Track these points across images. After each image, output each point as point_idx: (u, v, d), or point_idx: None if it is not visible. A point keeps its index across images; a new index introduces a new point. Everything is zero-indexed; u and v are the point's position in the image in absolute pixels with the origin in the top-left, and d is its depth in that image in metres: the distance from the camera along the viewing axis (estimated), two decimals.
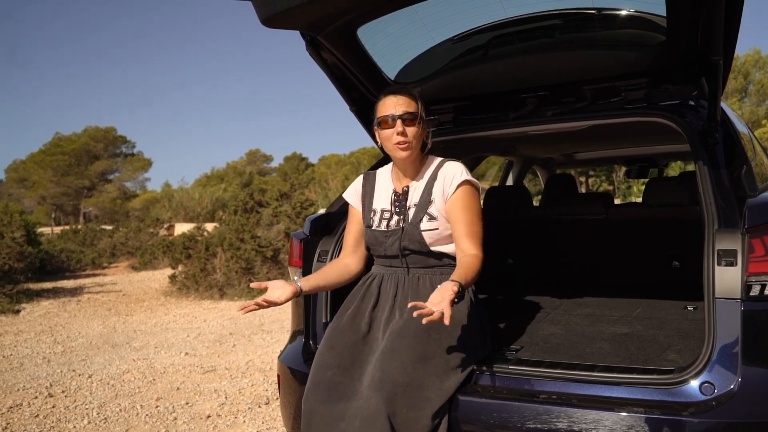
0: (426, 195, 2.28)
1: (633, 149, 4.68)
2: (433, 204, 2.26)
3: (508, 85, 2.65)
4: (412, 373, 1.95)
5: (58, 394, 4.71)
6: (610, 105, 2.46)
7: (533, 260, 3.65)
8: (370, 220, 2.38)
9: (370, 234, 2.36)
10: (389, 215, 2.34)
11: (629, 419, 1.77)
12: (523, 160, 4.93)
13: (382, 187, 2.42)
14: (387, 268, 2.37)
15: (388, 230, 2.32)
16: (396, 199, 2.35)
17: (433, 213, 2.25)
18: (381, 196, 2.40)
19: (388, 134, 2.23)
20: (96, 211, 35.35)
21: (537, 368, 2.03)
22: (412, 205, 2.30)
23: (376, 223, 2.36)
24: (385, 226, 2.33)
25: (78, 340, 6.82)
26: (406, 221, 2.29)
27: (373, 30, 2.52)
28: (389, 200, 2.37)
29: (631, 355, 2.15)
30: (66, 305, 9.40)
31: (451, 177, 2.25)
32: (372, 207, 2.40)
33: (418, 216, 2.27)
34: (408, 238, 2.26)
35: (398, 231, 2.29)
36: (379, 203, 2.39)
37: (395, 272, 2.33)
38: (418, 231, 2.25)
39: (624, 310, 2.85)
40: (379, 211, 2.37)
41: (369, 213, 2.39)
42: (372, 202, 2.41)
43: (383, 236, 2.32)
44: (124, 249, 15.98)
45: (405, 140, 2.21)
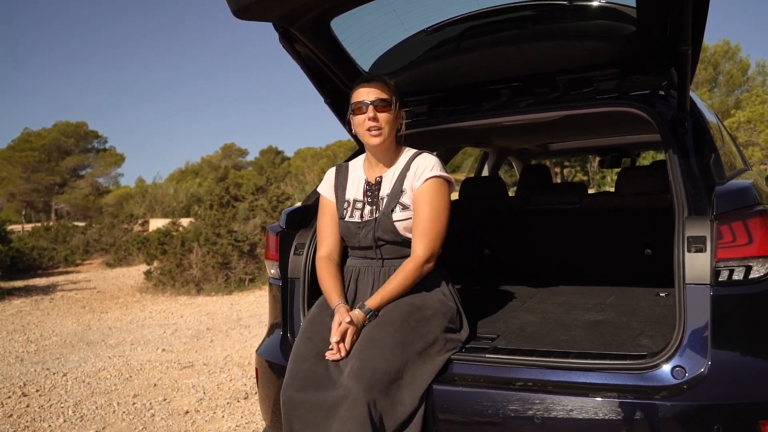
0: (398, 185, 2.28)
1: (606, 139, 4.74)
2: (404, 194, 2.26)
3: (482, 76, 2.66)
4: (391, 361, 1.96)
5: (32, 393, 4.64)
6: (582, 95, 2.49)
7: (509, 250, 3.68)
8: (343, 211, 2.37)
9: (343, 226, 2.35)
10: (361, 206, 2.33)
11: (603, 404, 1.80)
12: (498, 151, 4.96)
13: (354, 177, 2.41)
14: (362, 260, 2.36)
15: (362, 221, 2.31)
16: (368, 189, 2.35)
17: (406, 202, 2.26)
18: (353, 187, 2.39)
19: (360, 120, 2.23)
20: (68, 207, 34.76)
21: (513, 356, 2.05)
22: (385, 195, 2.30)
23: (348, 214, 2.35)
24: (358, 216, 2.32)
25: (52, 338, 6.73)
26: (379, 211, 2.28)
27: (346, 21, 2.51)
28: (362, 190, 2.36)
29: (605, 342, 2.18)
30: (39, 303, 9.26)
31: (422, 170, 2.25)
32: (345, 198, 2.38)
33: (390, 206, 2.27)
34: (381, 228, 2.26)
35: (371, 222, 2.28)
36: (351, 194, 2.38)
37: (371, 264, 2.33)
38: (390, 221, 2.25)
39: (598, 297, 2.90)
40: (352, 201, 2.36)
41: (342, 204, 2.38)
42: (344, 193, 2.39)
43: (356, 227, 2.31)
44: (97, 246, 15.76)
45: (376, 125, 2.21)
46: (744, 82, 30.83)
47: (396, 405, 1.93)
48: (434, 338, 2.09)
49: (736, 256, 1.81)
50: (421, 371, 2.01)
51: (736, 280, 1.81)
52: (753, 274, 1.80)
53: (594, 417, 1.81)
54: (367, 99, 2.22)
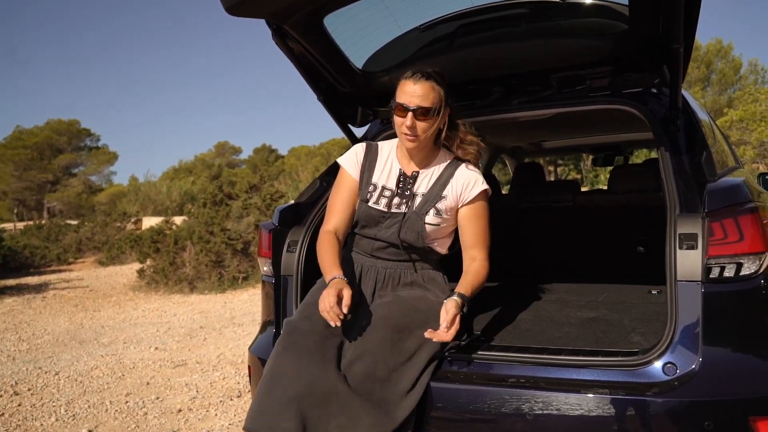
0: (438, 188, 2.20)
1: (599, 138, 4.75)
2: (444, 200, 2.19)
3: (476, 74, 2.66)
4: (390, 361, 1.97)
5: (24, 392, 4.62)
6: (575, 93, 2.50)
7: (502, 248, 3.67)
8: (367, 194, 2.23)
9: (365, 211, 2.21)
10: (390, 195, 2.21)
11: (595, 400, 1.81)
12: (492, 149, 4.96)
13: (386, 162, 2.28)
14: (367, 257, 2.27)
15: (388, 211, 2.19)
16: (402, 180, 2.23)
17: (441, 209, 2.19)
18: (384, 172, 2.26)
19: (398, 122, 2.14)
20: (60, 205, 34.62)
21: (506, 353, 2.06)
22: (420, 193, 2.21)
23: (374, 199, 2.22)
24: (384, 205, 2.20)
25: (44, 337, 6.70)
26: (411, 208, 2.19)
27: (339, 19, 2.51)
28: (395, 179, 2.24)
29: (597, 339, 2.19)
30: (31, 302, 9.22)
31: (473, 183, 2.21)
32: (371, 181, 2.25)
33: (425, 207, 2.19)
34: (408, 226, 2.17)
35: (399, 216, 2.18)
36: (381, 179, 2.25)
37: (374, 265, 2.25)
38: (421, 222, 2.17)
39: (591, 295, 2.91)
40: (380, 187, 2.23)
41: (366, 186, 2.24)
42: (372, 175, 2.26)
43: (380, 216, 2.20)
44: (90, 244, 15.72)
45: (413, 134, 2.11)
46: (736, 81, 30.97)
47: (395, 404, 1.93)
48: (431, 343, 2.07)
49: (728, 253, 1.82)
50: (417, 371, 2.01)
51: (727, 277, 1.82)
52: (744, 271, 1.81)
53: (586, 413, 1.81)
54: (409, 104, 2.09)
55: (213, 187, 11.79)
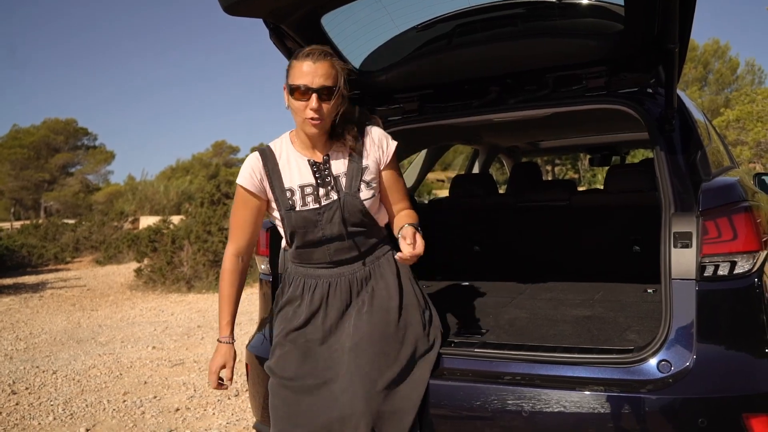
0: (357, 161, 2.06)
1: (596, 138, 4.77)
2: (367, 170, 2.06)
3: (473, 74, 2.67)
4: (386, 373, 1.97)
5: (21, 391, 4.63)
6: (571, 93, 2.51)
7: (499, 247, 3.71)
8: (289, 201, 2.04)
9: (297, 218, 2.02)
10: (313, 189, 2.03)
11: (590, 397, 1.82)
12: (489, 148, 4.98)
13: (288, 161, 2.08)
14: (329, 269, 2.09)
15: (321, 206, 2.02)
16: (317, 170, 2.05)
17: (368, 180, 2.06)
18: (293, 172, 2.07)
19: (300, 107, 1.94)
20: (57, 205, 34.55)
21: (501, 350, 2.07)
22: (341, 173, 2.05)
23: (299, 202, 2.03)
24: (313, 202, 2.02)
25: (41, 336, 6.70)
26: (340, 191, 2.03)
27: (337, 18, 2.51)
28: (309, 173, 2.05)
29: (592, 337, 2.20)
30: (28, 301, 9.21)
31: (386, 142, 2.12)
32: (284, 187, 2.05)
33: (353, 184, 2.03)
34: (348, 209, 2.01)
35: (334, 204, 2.01)
36: (294, 180, 2.05)
37: (344, 273, 2.09)
38: (359, 200, 2.02)
39: (586, 293, 2.92)
40: (297, 189, 2.04)
41: (283, 195, 2.04)
42: (281, 182, 2.06)
43: (316, 215, 2.02)
44: (87, 243, 15.69)
45: (318, 117, 1.94)
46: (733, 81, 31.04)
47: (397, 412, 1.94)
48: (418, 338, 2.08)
49: (722, 251, 1.83)
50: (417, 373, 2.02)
51: (722, 275, 1.84)
52: (738, 270, 1.83)
53: (581, 410, 1.83)
54: (312, 84, 1.91)
55: (210, 186, 11.78)
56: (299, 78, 1.93)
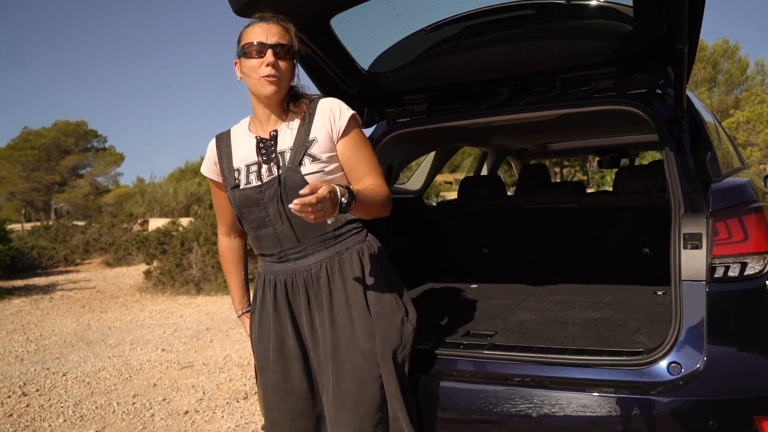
0: (303, 134, 1.91)
1: (605, 139, 4.75)
2: (315, 143, 1.90)
3: (481, 75, 2.67)
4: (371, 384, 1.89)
5: (32, 393, 4.66)
6: (580, 94, 2.50)
7: (507, 249, 3.70)
8: (234, 180, 1.95)
9: (240, 196, 1.92)
10: (257, 167, 1.92)
11: (600, 399, 1.82)
12: (497, 150, 4.97)
13: (241, 141, 2.01)
14: (278, 263, 1.96)
15: (263, 183, 1.89)
16: (263, 146, 1.94)
17: (316, 154, 1.89)
18: (241, 151, 1.98)
19: (255, 65, 1.86)
20: (68, 206, 34.80)
21: (510, 352, 2.07)
22: (287, 149, 1.91)
23: (243, 180, 1.93)
24: (255, 179, 1.91)
25: (51, 338, 6.74)
26: (282, 167, 1.89)
27: (346, 20, 2.52)
28: (254, 150, 1.95)
29: (602, 339, 2.20)
30: (38, 303, 9.27)
31: (338, 111, 1.94)
32: (233, 167, 1.97)
33: (296, 158, 1.88)
34: (289, 185, 1.85)
35: (275, 181, 1.88)
36: (241, 159, 1.97)
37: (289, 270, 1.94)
38: (299, 175, 1.85)
39: (596, 296, 2.91)
40: (244, 167, 1.94)
41: (231, 175, 1.97)
42: (231, 162, 1.99)
43: (257, 192, 1.90)
44: (97, 245, 15.76)
45: (275, 73, 1.86)
46: (743, 82, 30.88)
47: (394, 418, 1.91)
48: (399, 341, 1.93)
49: (732, 252, 1.83)
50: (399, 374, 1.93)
51: (732, 276, 1.83)
52: (748, 271, 1.82)
53: (591, 412, 1.82)
54: (267, 41, 1.86)
55: None
56: (253, 37, 1.88)
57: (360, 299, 1.90)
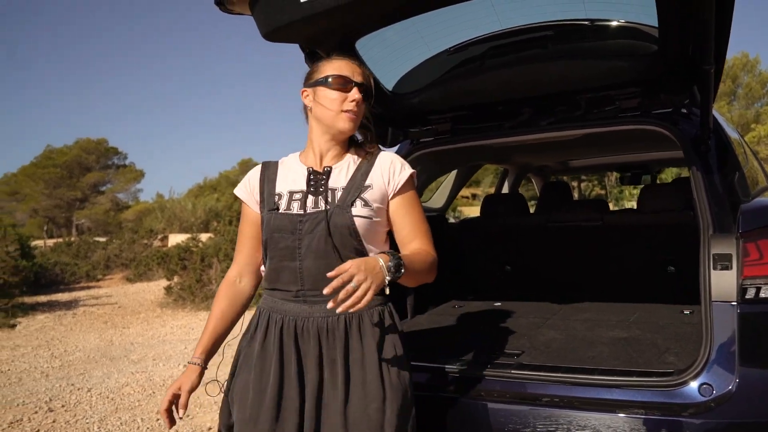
0: (360, 178, 1.82)
1: (626, 156, 4.74)
2: (369, 189, 1.80)
3: (504, 95, 2.69)
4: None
5: (58, 409, 4.71)
6: (604, 113, 2.51)
7: (531, 267, 3.70)
8: (273, 204, 1.82)
9: (276, 220, 1.77)
10: (302, 196, 1.80)
11: (630, 421, 1.81)
12: (518, 167, 4.98)
13: (289, 169, 1.89)
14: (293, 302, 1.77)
15: (305, 213, 1.76)
16: (313, 178, 1.83)
17: (368, 199, 1.79)
18: (288, 179, 1.86)
19: (338, 98, 1.80)
20: (89, 223, 35.24)
21: (539, 372, 2.06)
22: (339, 187, 1.81)
23: (284, 205, 1.80)
24: (298, 207, 1.78)
25: (75, 353, 6.81)
26: (332, 203, 1.77)
27: (370, 42, 2.56)
28: (303, 179, 1.84)
29: (631, 359, 2.19)
30: (62, 319, 9.38)
31: (399, 167, 1.85)
32: (275, 192, 1.85)
33: (347, 198, 1.78)
34: (335, 222, 1.73)
35: (321, 214, 1.75)
36: (286, 186, 1.85)
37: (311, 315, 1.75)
38: (348, 214, 1.74)
39: (621, 314, 2.90)
40: (286, 193, 1.83)
41: (271, 198, 1.84)
42: (273, 186, 1.86)
43: (297, 220, 1.75)
44: (118, 261, 15.94)
45: (356, 110, 1.81)
46: (763, 95, 30.58)
47: None
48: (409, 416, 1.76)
49: (763, 273, 1.82)
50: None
51: (763, 297, 1.82)
52: None
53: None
54: (353, 78, 1.83)
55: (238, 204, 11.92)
56: (339, 70, 1.83)
57: (375, 364, 1.72)
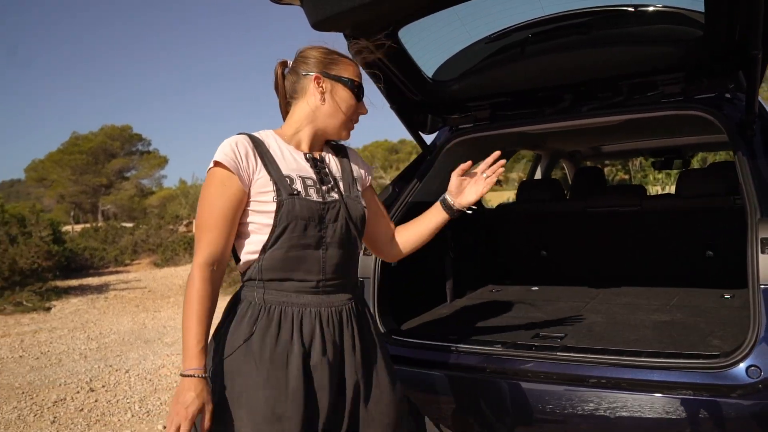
0: (349, 169, 1.81)
1: (659, 141, 4.72)
2: (359, 180, 1.82)
3: (545, 82, 2.71)
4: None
5: (98, 389, 4.85)
6: (646, 99, 2.52)
7: (567, 252, 3.72)
8: (290, 186, 1.63)
9: (302, 205, 1.61)
10: (313, 183, 1.67)
11: (679, 402, 1.84)
12: (552, 153, 4.98)
13: (282, 151, 1.70)
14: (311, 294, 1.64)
15: (325, 202, 1.65)
16: (316, 165, 1.72)
17: (360, 191, 1.81)
18: (289, 162, 1.69)
19: (353, 106, 1.75)
20: (114, 208, 35.79)
21: (584, 354, 2.10)
22: (338, 177, 1.75)
23: (302, 191, 1.63)
24: (315, 194, 1.65)
25: (110, 336, 6.98)
26: (341, 193, 1.71)
27: (412, 30, 2.59)
28: (308, 166, 1.70)
29: (675, 342, 2.21)
30: (94, 302, 9.58)
31: (368, 164, 1.90)
32: (283, 174, 1.64)
33: (352, 189, 1.76)
34: (352, 212, 1.70)
35: (337, 203, 1.67)
36: (291, 169, 1.67)
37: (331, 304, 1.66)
38: (361, 205, 1.73)
39: (662, 299, 2.92)
40: (297, 178, 1.65)
41: (282, 180, 1.63)
42: (279, 168, 1.65)
43: (321, 208, 1.64)
44: (145, 246, 16.18)
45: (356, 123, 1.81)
46: None
47: None
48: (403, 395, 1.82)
49: None
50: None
51: None
52: None
53: (669, 415, 1.85)
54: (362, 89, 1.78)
55: None
56: (359, 77, 1.77)
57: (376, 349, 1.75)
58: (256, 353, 1.57)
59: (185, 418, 1.45)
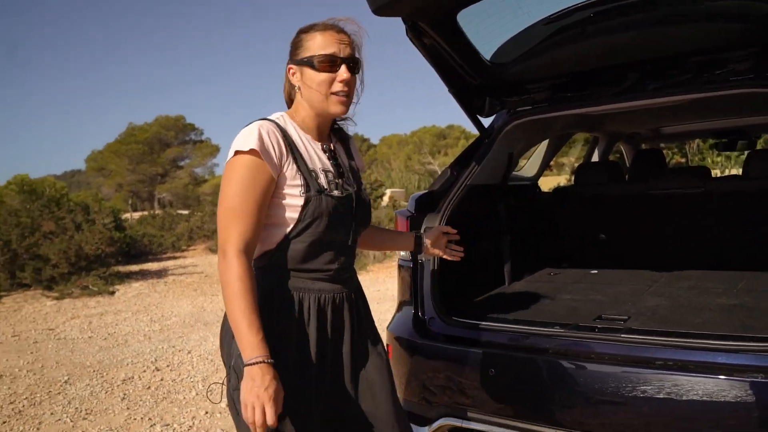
0: (354, 161, 1.84)
1: (723, 122, 4.57)
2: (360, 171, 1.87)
3: (610, 61, 2.66)
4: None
5: (164, 368, 5.05)
6: (715, 77, 2.45)
7: (627, 235, 3.66)
8: (317, 182, 1.64)
9: (329, 202, 1.63)
10: (333, 177, 1.68)
11: (750, 385, 1.81)
12: (609, 135, 4.89)
13: (304, 142, 1.69)
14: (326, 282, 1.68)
15: (343, 195, 1.68)
16: (332, 157, 1.74)
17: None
18: (312, 154, 1.69)
19: (326, 79, 1.63)
20: (169, 196, 36.79)
21: (649, 336, 2.08)
22: (345, 168, 1.76)
23: (326, 187, 1.65)
24: (339, 190, 1.67)
25: (172, 318, 7.23)
26: (353, 185, 1.74)
27: (471, 13, 2.59)
28: (326, 158, 1.71)
29: (743, 325, 2.17)
30: (155, 286, 9.92)
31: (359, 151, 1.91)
32: (309, 168, 1.65)
33: (360, 180, 1.82)
34: (362, 207, 1.75)
35: (352, 196, 1.71)
36: (315, 162, 1.68)
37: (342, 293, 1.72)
38: (368, 197, 1.80)
39: (727, 282, 2.85)
40: (320, 172, 1.66)
41: (312, 176, 1.64)
42: (305, 161, 1.66)
43: (348, 203, 1.69)
44: (200, 232, 16.59)
45: (347, 91, 1.66)
46: None
47: None
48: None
49: None
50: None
51: None
52: None
53: (738, 398, 1.82)
54: (340, 53, 1.64)
55: None
56: (325, 47, 1.63)
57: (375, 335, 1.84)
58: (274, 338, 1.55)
59: (268, 398, 1.45)
